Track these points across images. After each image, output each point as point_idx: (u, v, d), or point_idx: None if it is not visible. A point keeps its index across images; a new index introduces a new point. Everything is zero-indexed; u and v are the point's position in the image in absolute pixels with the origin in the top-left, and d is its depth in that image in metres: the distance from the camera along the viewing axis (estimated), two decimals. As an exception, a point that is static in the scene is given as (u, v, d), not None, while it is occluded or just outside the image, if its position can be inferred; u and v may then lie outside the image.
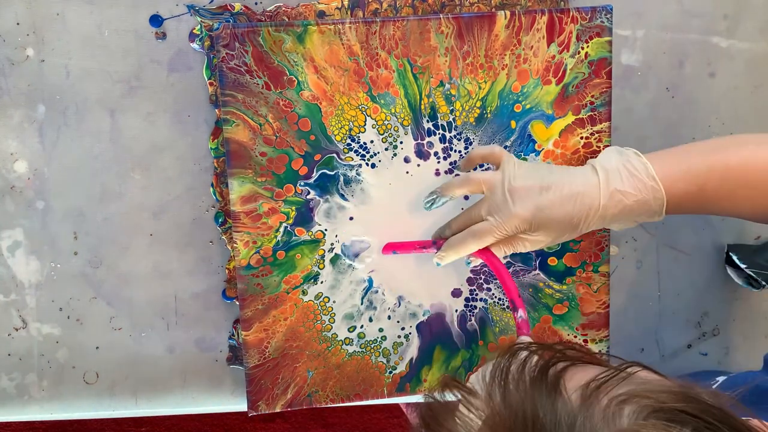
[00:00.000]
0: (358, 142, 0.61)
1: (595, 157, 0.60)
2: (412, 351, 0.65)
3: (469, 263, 0.63)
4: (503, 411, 0.36)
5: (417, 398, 0.68)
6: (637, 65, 0.66)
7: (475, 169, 0.62)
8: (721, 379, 0.58)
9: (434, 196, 0.60)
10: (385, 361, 0.65)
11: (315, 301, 0.63)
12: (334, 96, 0.60)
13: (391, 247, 0.62)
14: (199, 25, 0.60)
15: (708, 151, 0.57)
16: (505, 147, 0.63)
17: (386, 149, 0.62)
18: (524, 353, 0.39)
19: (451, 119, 0.62)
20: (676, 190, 0.56)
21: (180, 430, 1.36)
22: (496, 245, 0.58)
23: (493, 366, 0.39)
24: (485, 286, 0.65)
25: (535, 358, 0.39)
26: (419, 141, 0.62)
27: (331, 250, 0.62)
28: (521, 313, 0.56)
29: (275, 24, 0.58)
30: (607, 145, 0.64)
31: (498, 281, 0.62)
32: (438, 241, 0.60)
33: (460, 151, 0.62)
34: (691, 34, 0.67)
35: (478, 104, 0.62)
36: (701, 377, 0.65)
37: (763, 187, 0.55)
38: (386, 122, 0.61)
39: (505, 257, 0.63)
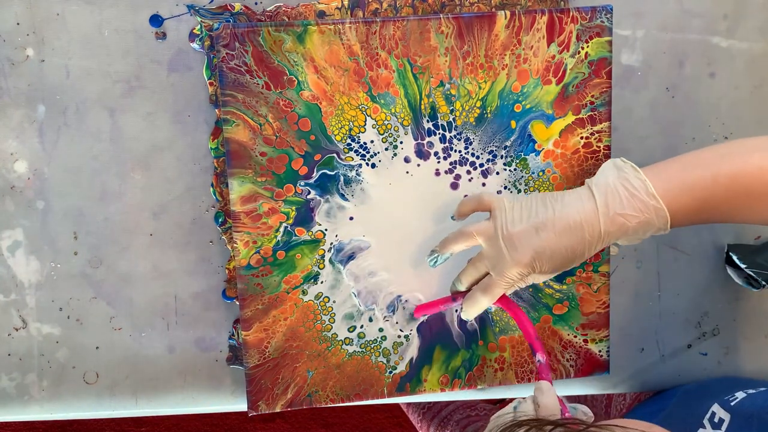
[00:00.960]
0: (358, 142, 0.61)
1: (596, 159, 0.60)
2: (412, 351, 0.65)
3: (491, 309, 0.63)
4: None
5: (417, 398, 0.68)
6: (637, 65, 0.66)
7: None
8: (735, 399, 0.56)
9: (436, 255, 0.59)
10: (385, 361, 0.65)
11: (315, 301, 0.63)
12: (334, 96, 0.60)
13: (421, 310, 0.63)
14: (199, 25, 0.60)
15: (711, 161, 0.54)
16: (505, 147, 0.63)
17: (386, 149, 0.62)
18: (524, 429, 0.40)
19: (451, 119, 0.62)
20: (680, 205, 0.53)
21: (180, 430, 1.36)
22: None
23: None
24: (485, 286, 0.65)
25: None
26: (419, 141, 0.62)
27: (330, 250, 0.62)
28: (540, 357, 0.55)
29: (275, 24, 0.58)
30: (607, 145, 0.64)
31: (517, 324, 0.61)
32: (456, 297, 0.59)
33: (460, 151, 0.62)
34: (691, 34, 0.67)
35: (478, 104, 0.62)
36: (716, 390, 0.65)
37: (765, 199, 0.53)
38: (386, 122, 0.61)
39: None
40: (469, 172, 0.63)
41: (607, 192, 0.54)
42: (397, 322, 0.64)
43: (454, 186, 0.63)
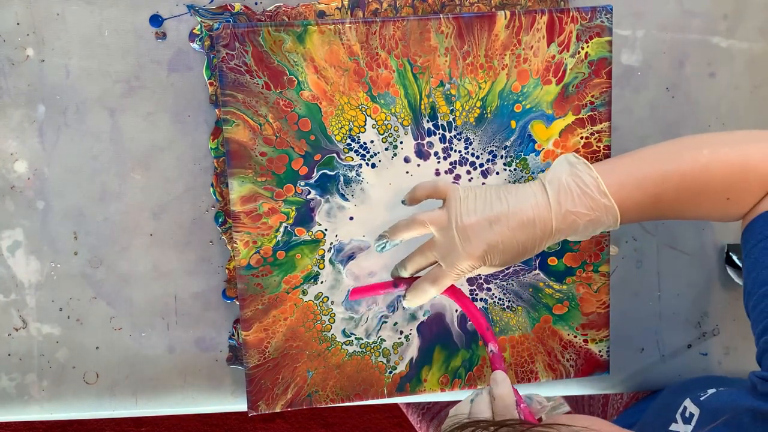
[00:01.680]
0: (358, 142, 0.61)
1: (596, 159, 0.60)
2: (412, 351, 0.65)
3: (435, 298, 0.60)
4: None
5: (417, 398, 0.68)
6: (637, 65, 0.66)
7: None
8: (706, 394, 0.57)
9: (384, 240, 0.58)
10: (385, 361, 0.65)
11: (315, 301, 0.63)
12: (334, 96, 0.60)
13: (357, 293, 0.61)
14: (199, 25, 0.60)
15: (661, 158, 0.55)
16: (505, 147, 0.63)
17: (386, 149, 0.62)
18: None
19: (451, 119, 0.62)
20: (631, 202, 0.54)
21: (180, 429, 1.36)
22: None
23: None
24: (485, 286, 0.65)
25: None
26: (419, 141, 0.62)
27: (330, 250, 0.62)
28: (492, 347, 0.55)
29: (275, 24, 0.58)
30: (607, 145, 0.64)
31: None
32: (399, 283, 0.59)
33: (460, 151, 0.62)
34: (691, 34, 0.67)
35: (478, 104, 0.62)
36: (691, 387, 0.65)
37: (719, 192, 0.54)
38: (386, 122, 0.61)
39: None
40: (469, 172, 0.63)
41: (560, 189, 0.54)
42: (397, 322, 0.64)
43: (454, 186, 0.63)
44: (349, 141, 0.61)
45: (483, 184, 0.63)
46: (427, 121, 0.61)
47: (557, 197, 0.54)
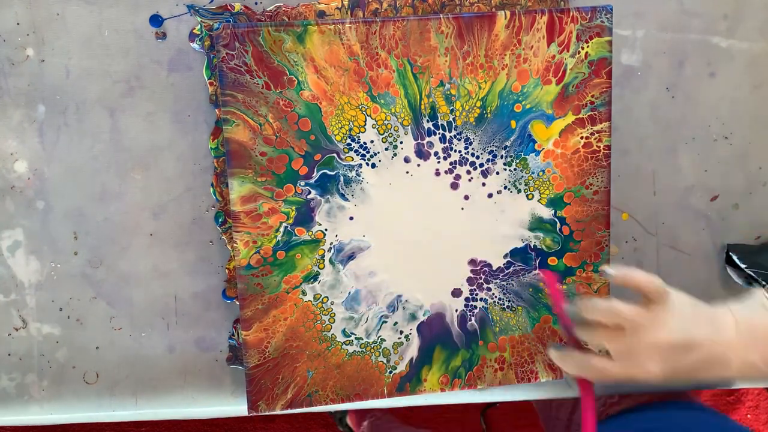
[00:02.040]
0: (358, 142, 0.61)
1: (596, 158, 0.59)
2: (412, 351, 0.65)
3: (568, 383, 0.56)
4: None
5: (417, 398, 0.68)
6: (637, 65, 0.66)
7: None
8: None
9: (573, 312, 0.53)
10: (385, 361, 0.65)
11: (315, 301, 0.63)
12: (334, 96, 0.60)
13: (550, 279, 0.57)
14: (199, 25, 0.60)
15: None
16: (505, 147, 0.63)
17: (386, 149, 0.62)
18: None
19: (451, 119, 0.62)
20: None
21: (180, 429, 1.36)
22: None
23: None
24: (485, 286, 0.65)
25: None
26: (419, 141, 0.62)
27: (330, 250, 0.62)
28: None
29: (275, 24, 0.58)
30: (607, 145, 0.64)
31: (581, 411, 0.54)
32: (567, 322, 0.54)
33: (460, 151, 0.62)
34: (691, 34, 0.67)
35: (478, 104, 0.62)
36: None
37: None
38: (386, 122, 0.61)
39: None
40: (469, 172, 0.63)
41: (756, 335, 0.51)
42: (397, 322, 0.64)
43: (454, 186, 0.63)
44: (349, 141, 0.61)
45: (483, 185, 0.63)
46: (427, 121, 0.61)
47: (747, 343, 0.50)
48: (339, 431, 1.40)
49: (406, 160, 0.62)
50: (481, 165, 0.63)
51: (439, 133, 0.62)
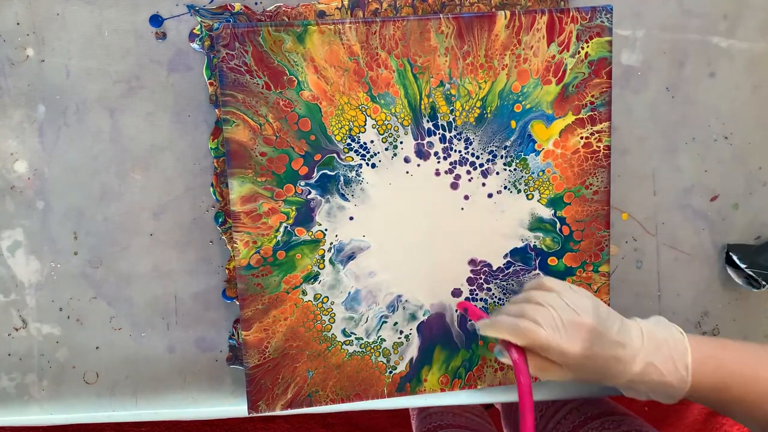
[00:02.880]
0: (358, 142, 0.61)
1: (596, 158, 0.60)
2: (413, 351, 0.65)
3: (499, 354, 0.56)
4: None
5: (417, 398, 0.68)
6: (637, 65, 0.66)
7: None
8: None
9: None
10: (385, 361, 0.65)
11: (315, 302, 0.63)
12: (334, 96, 0.60)
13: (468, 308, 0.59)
14: (199, 25, 0.60)
15: (746, 353, 0.56)
16: (505, 147, 0.63)
17: (386, 149, 0.62)
18: None
19: (451, 119, 0.62)
20: (702, 383, 0.55)
21: (179, 429, 1.36)
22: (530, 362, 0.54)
23: None
24: (485, 286, 0.65)
25: None
26: (419, 141, 0.62)
27: (330, 250, 0.62)
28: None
29: (275, 24, 0.58)
30: (607, 145, 0.64)
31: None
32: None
33: (459, 151, 0.62)
34: (691, 34, 0.67)
35: (478, 104, 0.62)
36: None
37: None
38: (386, 122, 0.61)
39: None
40: (469, 172, 0.63)
41: (656, 343, 0.55)
42: (397, 322, 0.64)
43: (454, 186, 0.63)
44: (349, 141, 0.61)
45: (483, 185, 0.63)
46: (427, 121, 0.61)
47: (649, 348, 0.55)
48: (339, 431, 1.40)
49: (406, 160, 0.62)
50: (481, 165, 0.63)
51: (439, 133, 0.62)
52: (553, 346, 0.52)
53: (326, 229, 0.62)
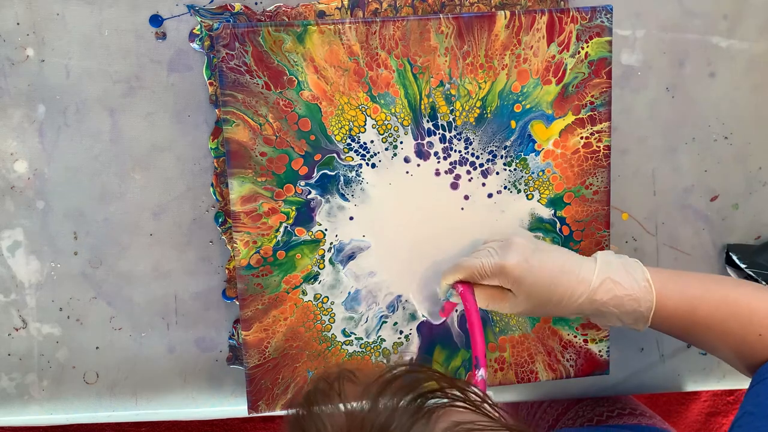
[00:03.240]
0: (358, 142, 0.61)
1: (596, 158, 0.60)
2: (412, 351, 0.65)
3: (450, 296, 0.61)
4: (368, 414, 0.38)
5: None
6: (637, 65, 0.66)
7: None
8: None
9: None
10: (385, 361, 0.65)
11: (315, 302, 0.63)
12: (334, 96, 0.60)
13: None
14: (199, 25, 0.60)
15: (707, 279, 0.57)
16: (505, 147, 0.63)
17: (386, 149, 0.62)
18: (420, 375, 0.41)
19: (451, 119, 0.62)
20: (668, 302, 0.55)
21: (180, 429, 1.36)
22: (478, 293, 0.58)
23: (384, 370, 0.41)
24: (485, 286, 0.65)
25: (423, 384, 0.40)
26: (419, 141, 0.62)
27: (330, 250, 0.62)
28: (482, 372, 0.54)
29: (275, 24, 0.58)
30: (607, 145, 0.64)
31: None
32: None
33: (459, 151, 0.62)
34: (691, 34, 0.67)
35: (478, 104, 0.62)
36: None
37: (752, 328, 0.54)
38: (386, 122, 0.61)
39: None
40: (469, 172, 0.63)
41: (608, 262, 0.57)
42: (397, 322, 0.64)
43: (454, 186, 0.63)
44: (349, 141, 0.61)
45: (483, 185, 0.63)
46: (427, 121, 0.61)
47: (603, 266, 0.56)
48: None
49: (406, 160, 0.62)
50: (481, 165, 0.63)
51: (439, 133, 0.62)
52: (486, 266, 0.56)
53: (326, 229, 0.62)
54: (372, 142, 0.61)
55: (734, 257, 0.69)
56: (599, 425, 0.73)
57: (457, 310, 0.65)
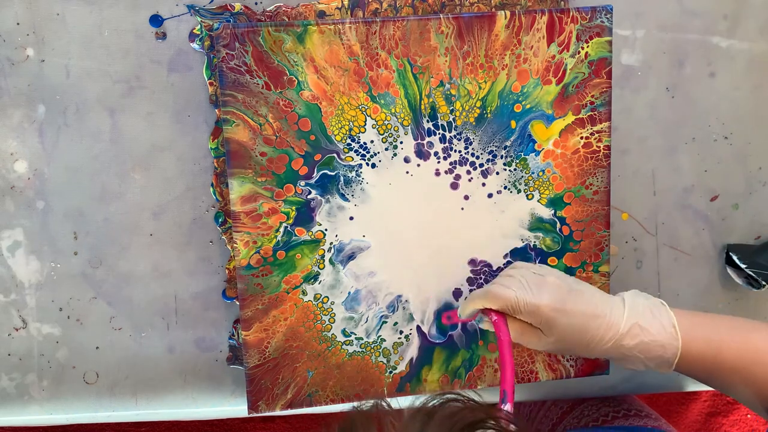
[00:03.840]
0: (358, 142, 0.61)
1: (596, 158, 0.60)
2: (413, 351, 0.65)
3: (479, 321, 0.61)
4: None
5: (417, 399, 0.68)
6: (637, 65, 0.66)
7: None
8: None
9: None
10: (385, 361, 0.65)
11: (315, 302, 0.63)
12: (334, 96, 0.60)
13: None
14: (199, 25, 0.60)
15: (734, 323, 0.57)
16: (505, 147, 0.63)
17: (386, 149, 0.62)
18: (458, 406, 0.41)
19: (451, 119, 0.62)
20: (694, 347, 0.55)
21: (180, 429, 1.36)
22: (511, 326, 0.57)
23: (425, 399, 0.41)
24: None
25: (466, 414, 0.40)
26: (419, 141, 0.62)
27: (330, 250, 0.62)
28: (509, 407, 0.53)
29: (275, 24, 0.58)
30: (607, 145, 0.64)
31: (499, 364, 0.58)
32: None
33: (459, 151, 0.62)
34: (691, 34, 0.67)
35: (478, 104, 0.62)
36: None
37: None
38: (386, 122, 0.61)
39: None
40: (469, 172, 0.63)
41: (636, 306, 0.57)
42: (396, 323, 0.64)
43: (454, 186, 0.63)
44: (349, 141, 0.61)
45: (483, 185, 0.63)
46: (427, 121, 0.61)
47: (632, 311, 0.56)
48: None
49: (406, 160, 0.62)
50: (481, 165, 0.63)
51: (439, 133, 0.62)
52: (521, 302, 0.55)
53: (326, 229, 0.62)
54: (372, 142, 0.61)
55: (734, 257, 0.69)
56: (605, 425, 0.73)
57: (457, 309, 0.65)
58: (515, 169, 0.63)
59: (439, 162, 0.62)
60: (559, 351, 0.58)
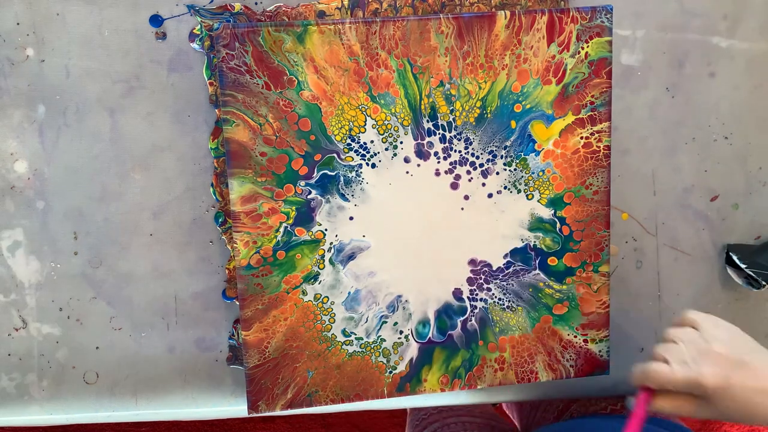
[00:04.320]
0: (358, 142, 0.61)
1: (596, 158, 0.60)
2: (412, 351, 0.65)
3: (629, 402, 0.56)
4: None
5: (417, 399, 0.68)
6: (637, 65, 0.66)
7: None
8: None
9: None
10: (385, 361, 0.65)
11: (315, 302, 0.63)
12: (334, 96, 0.60)
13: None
14: (199, 25, 0.60)
15: None
16: (505, 147, 0.63)
17: (386, 149, 0.62)
18: None
19: (451, 119, 0.62)
20: None
21: (180, 429, 1.36)
22: (663, 399, 0.53)
23: None
24: (485, 286, 0.65)
25: None
26: (419, 141, 0.62)
27: (330, 250, 0.62)
28: None
29: (275, 24, 0.58)
30: (607, 145, 0.64)
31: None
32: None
33: (459, 151, 0.62)
34: (691, 34, 0.67)
35: (478, 104, 0.62)
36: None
37: None
38: (386, 122, 0.61)
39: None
40: (469, 172, 0.63)
41: None
42: (396, 323, 0.64)
43: (454, 186, 0.63)
44: (349, 141, 0.61)
45: (483, 185, 0.63)
46: (427, 121, 0.61)
47: None
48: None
49: (406, 160, 0.62)
50: (481, 165, 0.63)
51: (439, 133, 0.62)
52: (680, 381, 0.51)
53: (326, 229, 0.62)
54: (372, 142, 0.61)
55: (734, 257, 0.69)
56: (614, 414, 0.73)
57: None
58: (515, 169, 0.63)
59: (439, 162, 0.62)
60: (715, 419, 0.53)
